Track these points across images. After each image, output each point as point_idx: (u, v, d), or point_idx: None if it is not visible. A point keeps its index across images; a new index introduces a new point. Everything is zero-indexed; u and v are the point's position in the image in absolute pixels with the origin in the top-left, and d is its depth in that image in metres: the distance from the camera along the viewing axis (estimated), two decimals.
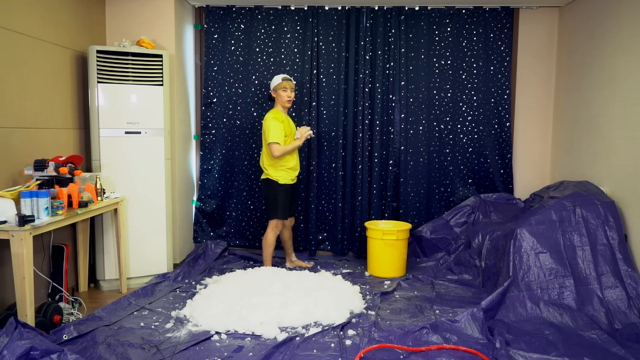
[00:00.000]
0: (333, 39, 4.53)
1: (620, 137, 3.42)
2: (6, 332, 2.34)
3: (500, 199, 4.38)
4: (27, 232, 2.66)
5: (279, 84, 3.93)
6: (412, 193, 4.56)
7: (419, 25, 4.49)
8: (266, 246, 3.97)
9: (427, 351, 2.64)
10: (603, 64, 3.68)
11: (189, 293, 3.61)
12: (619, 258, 3.18)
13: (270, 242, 3.97)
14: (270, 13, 4.54)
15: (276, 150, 3.82)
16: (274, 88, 3.96)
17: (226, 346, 2.74)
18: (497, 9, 4.46)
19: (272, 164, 3.93)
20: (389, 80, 4.53)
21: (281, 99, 3.95)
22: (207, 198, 4.68)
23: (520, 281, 3.19)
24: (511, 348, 2.63)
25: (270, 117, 3.90)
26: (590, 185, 3.68)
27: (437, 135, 4.56)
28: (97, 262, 3.82)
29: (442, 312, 3.24)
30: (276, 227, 3.98)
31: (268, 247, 3.97)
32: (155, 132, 3.89)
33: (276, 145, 3.82)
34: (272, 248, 3.99)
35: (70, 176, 3.17)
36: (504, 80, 4.49)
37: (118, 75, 3.73)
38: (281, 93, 3.93)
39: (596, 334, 2.82)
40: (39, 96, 3.32)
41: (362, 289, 3.70)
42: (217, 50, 4.57)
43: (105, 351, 2.64)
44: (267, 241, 3.97)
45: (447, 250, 4.26)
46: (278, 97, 3.96)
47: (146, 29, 4.13)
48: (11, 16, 3.04)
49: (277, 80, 3.95)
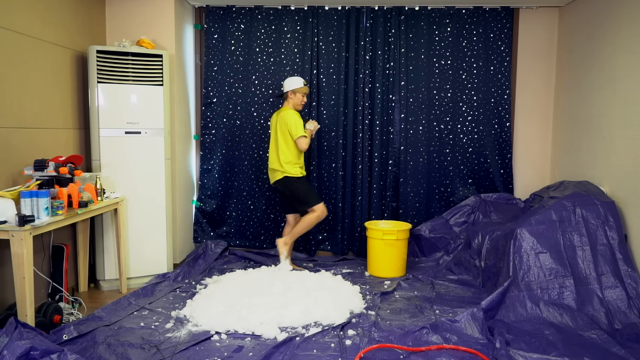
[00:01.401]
0: (333, 39, 4.53)
1: (621, 137, 3.42)
2: (6, 332, 2.34)
3: (500, 199, 4.38)
4: (27, 232, 2.66)
5: (301, 88, 4.07)
6: (412, 193, 4.56)
7: (419, 25, 4.49)
8: (304, 225, 3.99)
9: (427, 351, 2.64)
10: (603, 64, 3.68)
11: (189, 293, 3.61)
12: (619, 258, 3.18)
13: (309, 224, 4.00)
14: (270, 13, 4.54)
15: (305, 144, 3.95)
16: (294, 90, 4.06)
17: (226, 346, 2.74)
18: (497, 9, 4.46)
19: (290, 160, 3.99)
20: (389, 80, 4.53)
21: (298, 101, 4.09)
22: (207, 198, 4.68)
23: (520, 281, 3.19)
24: (511, 348, 2.62)
25: (291, 113, 4.00)
26: (590, 185, 3.68)
27: (437, 135, 4.56)
28: (97, 262, 3.82)
29: (442, 312, 3.24)
30: (323, 212, 4.02)
31: (305, 228, 4.01)
32: (155, 132, 3.89)
33: (304, 138, 3.95)
34: (306, 230, 4.05)
35: (70, 176, 3.17)
36: (504, 80, 4.49)
37: (118, 75, 3.73)
38: (300, 96, 4.08)
39: (596, 334, 2.82)
40: (39, 96, 3.32)
41: (362, 289, 3.70)
42: (217, 50, 4.57)
43: (105, 351, 2.64)
44: (306, 221, 3.99)
45: (446, 249, 4.26)
46: (295, 99, 4.08)
47: (146, 29, 4.13)
48: (11, 16, 3.04)
49: (300, 84, 4.07)
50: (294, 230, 4.06)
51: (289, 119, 3.97)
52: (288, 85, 4.10)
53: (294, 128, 3.93)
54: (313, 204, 4.01)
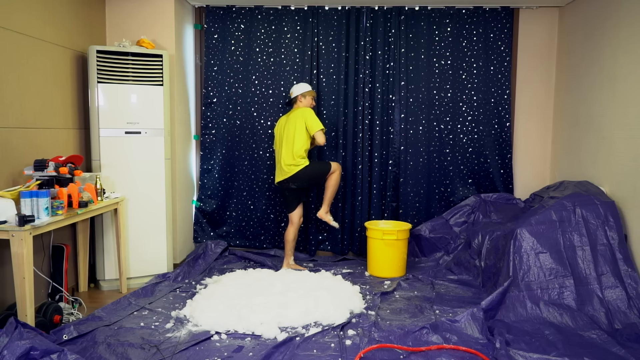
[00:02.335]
0: (333, 39, 4.53)
1: (621, 137, 3.42)
2: (6, 332, 2.34)
3: (500, 199, 4.38)
4: (27, 232, 2.66)
5: (311, 92, 4.21)
6: (412, 193, 4.56)
7: (419, 25, 4.49)
8: (331, 189, 4.14)
9: (427, 351, 2.64)
10: (603, 64, 3.68)
11: (189, 293, 3.61)
12: (619, 258, 3.18)
13: (335, 184, 4.14)
14: (270, 13, 4.54)
15: (323, 138, 3.99)
16: (304, 93, 4.15)
17: (226, 346, 2.74)
18: (497, 9, 4.46)
19: (302, 155, 4.02)
20: (389, 80, 4.53)
21: (308, 104, 4.19)
22: (207, 198, 4.68)
23: (520, 281, 3.19)
24: (511, 348, 2.62)
25: (309, 109, 4.05)
26: (590, 185, 3.68)
27: (437, 135, 4.56)
28: (97, 262, 3.82)
29: (442, 312, 3.24)
30: (339, 168, 4.14)
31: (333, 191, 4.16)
32: (155, 132, 3.89)
33: (322, 132, 3.99)
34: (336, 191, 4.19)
35: (70, 176, 3.17)
36: (504, 80, 4.49)
37: (118, 75, 3.73)
38: (310, 99, 4.17)
39: (596, 334, 2.82)
40: (39, 96, 3.32)
41: (362, 289, 3.70)
42: (217, 50, 4.57)
43: (105, 351, 2.64)
44: (331, 185, 4.13)
45: (446, 249, 4.26)
46: (305, 102, 4.17)
47: (146, 29, 4.13)
48: (11, 16, 3.04)
49: (307, 87, 4.19)
50: (325, 197, 4.18)
51: (307, 113, 4.01)
52: (297, 90, 4.16)
53: (314, 122, 3.97)
54: (328, 168, 4.10)
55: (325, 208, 4.20)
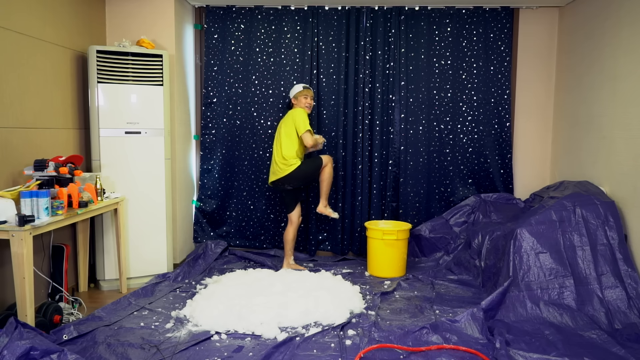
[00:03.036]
0: (333, 39, 4.53)
1: (621, 137, 3.42)
2: (6, 332, 2.34)
3: (500, 199, 4.38)
4: (27, 232, 2.66)
5: (300, 92, 4.12)
6: (412, 193, 4.56)
7: (419, 25, 4.49)
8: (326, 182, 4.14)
9: (427, 351, 2.64)
10: (603, 64, 3.68)
11: (189, 293, 3.61)
12: (619, 258, 3.18)
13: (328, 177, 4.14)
14: (270, 13, 4.54)
15: (310, 139, 3.95)
16: (294, 95, 4.14)
17: (226, 346, 2.74)
18: (497, 9, 4.46)
19: (292, 156, 4.00)
20: (389, 80, 4.53)
21: (302, 105, 4.11)
22: (207, 198, 4.68)
23: (520, 281, 3.19)
24: (511, 348, 2.62)
25: (299, 110, 4.03)
26: (590, 185, 3.68)
27: (437, 135, 4.56)
28: (97, 262, 3.82)
29: (442, 312, 3.24)
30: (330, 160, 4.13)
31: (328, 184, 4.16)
32: (155, 132, 3.89)
33: (310, 133, 3.96)
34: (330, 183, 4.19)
35: (70, 176, 3.17)
36: (504, 80, 4.49)
37: (118, 75, 3.73)
38: (302, 99, 4.11)
39: (596, 334, 2.82)
40: (39, 96, 3.32)
41: (362, 289, 3.70)
42: (217, 50, 4.57)
43: (105, 351, 2.64)
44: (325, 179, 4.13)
45: (446, 249, 4.26)
46: (299, 103, 4.12)
47: (146, 29, 4.13)
48: (11, 16, 3.04)
49: (299, 88, 4.14)
50: (322, 191, 4.18)
51: (296, 114, 4.00)
52: (290, 94, 4.19)
53: (301, 123, 3.95)
54: (320, 162, 4.09)
55: (324, 202, 4.21)
